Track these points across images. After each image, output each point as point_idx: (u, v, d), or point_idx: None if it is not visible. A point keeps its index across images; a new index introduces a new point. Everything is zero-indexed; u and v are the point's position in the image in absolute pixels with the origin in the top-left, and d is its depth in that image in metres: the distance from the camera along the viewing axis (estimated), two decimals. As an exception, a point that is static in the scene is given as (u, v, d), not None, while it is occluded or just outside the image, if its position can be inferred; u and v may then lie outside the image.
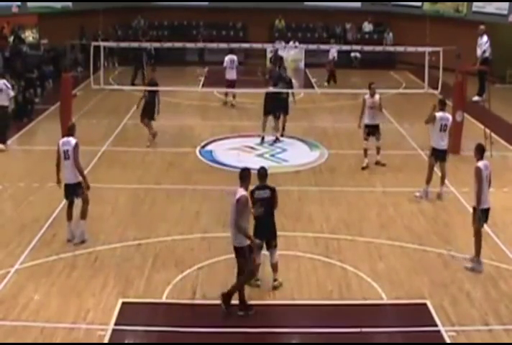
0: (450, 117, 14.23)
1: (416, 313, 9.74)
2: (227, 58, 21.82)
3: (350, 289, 10.19)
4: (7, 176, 15.00)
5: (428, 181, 14.01)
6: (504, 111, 20.73)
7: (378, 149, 15.79)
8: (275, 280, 10.27)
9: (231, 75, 21.77)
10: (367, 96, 15.67)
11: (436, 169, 14.25)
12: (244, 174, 9.56)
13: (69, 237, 11.57)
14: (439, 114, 14.00)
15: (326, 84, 25.31)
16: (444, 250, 11.59)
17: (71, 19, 28.23)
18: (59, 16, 28.24)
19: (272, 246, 10.17)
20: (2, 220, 12.62)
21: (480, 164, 11.03)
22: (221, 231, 12.06)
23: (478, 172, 10.89)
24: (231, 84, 21.64)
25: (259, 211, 9.86)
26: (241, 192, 9.41)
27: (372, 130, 15.64)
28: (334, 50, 25.25)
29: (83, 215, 11.60)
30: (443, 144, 14.01)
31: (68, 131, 11.94)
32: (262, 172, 10.14)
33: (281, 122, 18.07)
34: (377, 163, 15.81)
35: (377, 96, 15.57)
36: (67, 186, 11.67)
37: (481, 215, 10.93)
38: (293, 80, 20.62)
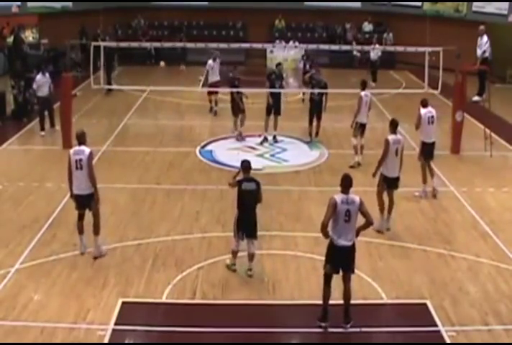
0: (433, 110, 14.59)
1: (416, 313, 9.74)
2: (210, 62, 20.89)
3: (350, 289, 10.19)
4: (7, 176, 14.99)
5: (425, 180, 14.11)
6: (504, 111, 20.74)
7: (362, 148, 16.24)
8: (249, 269, 10.57)
9: (211, 78, 20.99)
10: (362, 93, 15.99)
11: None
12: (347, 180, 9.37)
13: (82, 250, 11.12)
14: (423, 110, 14.41)
15: (373, 84, 25.11)
16: (444, 250, 11.60)
17: (71, 19, 28.25)
18: (59, 16, 28.28)
19: (252, 237, 10.50)
20: (2, 220, 12.61)
21: (390, 137, 12.32)
22: (221, 230, 12.06)
23: (386, 144, 12.27)
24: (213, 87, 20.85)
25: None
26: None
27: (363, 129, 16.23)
28: (378, 51, 25.12)
29: (96, 230, 11.13)
30: (433, 137, 14.50)
31: (79, 139, 11.17)
32: (246, 165, 10.54)
33: (315, 126, 18.17)
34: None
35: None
36: (79, 197, 11.09)
37: (384, 180, 12.39)
38: (291, 80, 20.67)
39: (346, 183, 9.28)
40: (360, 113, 16.01)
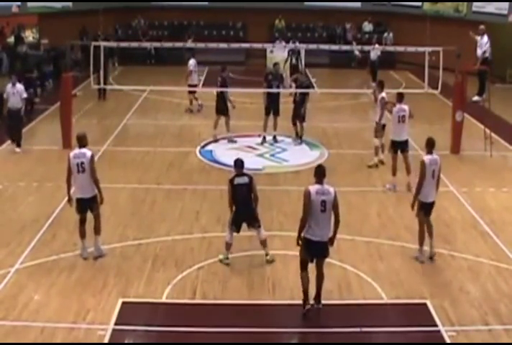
0: (407, 108, 14.58)
1: (416, 312, 9.74)
2: (192, 62, 20.99)
3: (350, 289, 10.20)
4: (7, 176, 14.99)
5: (394, 173, 14.31)
6: (504, 111, 20.72)
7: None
8: (266, 255, 10.94)
9: (195, 79, 21.28)
10: (383, 94, 15.87)
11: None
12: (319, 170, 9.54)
13: (85, 255, 11.00)
14: (396, 107, 14.49)
15: (373, 84, 25.05)
16: (444, 250, 11.60)
17: (71, 19, 28.29)
18: (59, 16, 28.30)
19: (255, 226, 10.89)
20: (2, 220, 12.61)
21: (426, 158, 11.21)
22: (221, 230, 12.05)
23: (422, 165, 11.11)
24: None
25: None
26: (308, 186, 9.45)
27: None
28: (377, 51, 25.07)
29: (97, 230, 11.08)
30: (403, 135, 14.48)
31: (80, 141, 10.98)
32: (239, 163, 10.95)
33: (299, 127, 17.99)
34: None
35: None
36: (82, 200, 10.97)
37: (421, 207, 11.20)
38: (290, 80, 20.67)
39: (320, 173, 9.44)
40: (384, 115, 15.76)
